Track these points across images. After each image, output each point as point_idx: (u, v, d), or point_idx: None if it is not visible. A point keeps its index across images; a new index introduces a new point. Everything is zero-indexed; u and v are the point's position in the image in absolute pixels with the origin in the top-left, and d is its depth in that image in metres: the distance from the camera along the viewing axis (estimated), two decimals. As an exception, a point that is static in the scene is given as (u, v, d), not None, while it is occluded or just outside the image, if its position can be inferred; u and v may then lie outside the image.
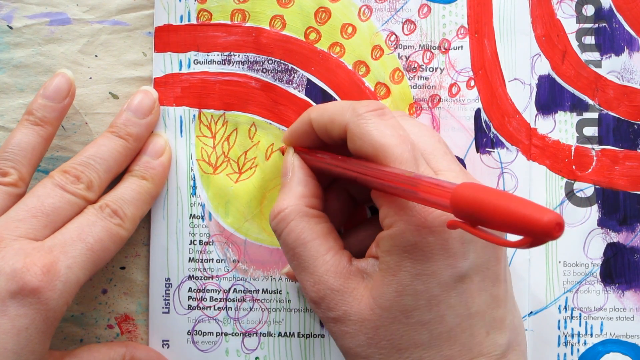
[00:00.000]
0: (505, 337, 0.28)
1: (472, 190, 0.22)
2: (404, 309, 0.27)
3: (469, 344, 0.27)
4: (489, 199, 0.21)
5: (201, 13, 0.35)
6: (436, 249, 0.27)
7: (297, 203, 0.30)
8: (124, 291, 0.35)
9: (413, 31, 0.35)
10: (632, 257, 0.35)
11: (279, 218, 0.30)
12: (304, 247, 0.29)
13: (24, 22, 0.35)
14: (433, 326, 0.27)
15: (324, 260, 0.29)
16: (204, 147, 0.35)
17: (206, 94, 0.35)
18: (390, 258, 0.27)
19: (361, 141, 0.28)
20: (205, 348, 0.35)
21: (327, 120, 0.30)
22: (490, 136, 0.35)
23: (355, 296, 0.28)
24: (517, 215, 0.20)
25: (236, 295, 0.35)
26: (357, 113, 0.29)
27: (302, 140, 0.32)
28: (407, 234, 0.27)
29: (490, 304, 0.28)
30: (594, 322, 0.35)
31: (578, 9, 0.36)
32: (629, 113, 0.36)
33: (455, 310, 0.27)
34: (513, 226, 0.20)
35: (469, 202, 0.22)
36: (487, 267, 0.28)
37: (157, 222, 0.35)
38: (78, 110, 0.35)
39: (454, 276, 0.27)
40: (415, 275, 0.27)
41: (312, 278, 0.29)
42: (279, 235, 0.30)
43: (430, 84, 0.36)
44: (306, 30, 0.35)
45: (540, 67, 0.36)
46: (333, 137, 0.30)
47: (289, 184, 0.31)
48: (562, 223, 0.19)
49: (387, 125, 0.28)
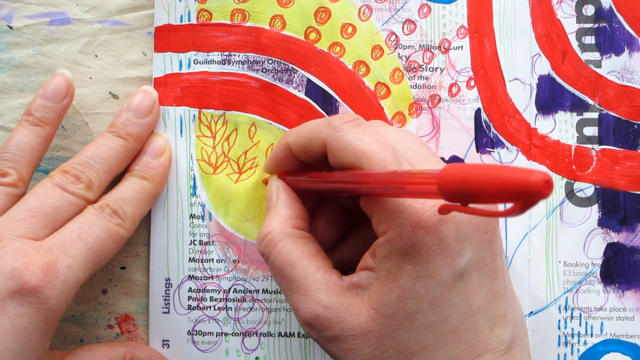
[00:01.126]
0: (508, 332, 0.28)
1: (456, 169, 0.22)
2: (407, 313, 0.27)
3: (474, 341, 0.27)
4: (474, 172, 0.21)
5: (201, 13, 0.35)
6: (433, 249, 0.26)
7: (284, 225, 0.30)
8: (124, 291, 0.35)
9: (413, 31, 0.35)
10: (632, 257, 0.35)
11: (266, 241, 0.30)
12: (293, 267, 0.29)
13: (24, 22, 0.35)
14: (437, 327, 0.27)
15: (314, 278, 0.28)
16: (204, 147, 0.35)
17: (206, 94, 0.35)
18: (390, 264, 0.27)
19: (342, 152, 0.28)
20: (205, 348, 0.35)
21: (304, 140, 0.30)
22: (490, 136, 0.35)
23: (351, 311, 0.27)
24: (505, 182, 0.20)
25: (236, 295, 0.35)
26: (334, 126, 0.29)
27: (283, 166, 0.32)
28: (403, 236, 0.26)
29: (491, 299, 0.27)
30: (594, 322, 0.35)
31: (578, 8, 0.36)
32: (629, 113, 0.36)
33: (458, 309, 0.27)
34: (502, 194, 0.20)
35: (455, 182, 0.21)
36: (484, 264, 0.27)
37: (157, 222, 0.35)
38: (78, 110, 0.35)
39: (453, 275, 0.27)
40: (416, 278, 0.26)
41: (304, 298, 0.28)
42: (267, 258, 0.30)
43: (430, 84, 0.35)
44: (306, 30, 0.35)
45: (540, 67, 0.36)
46: (313, 155, 0.30)
47: (274, 207, 0.31)
48: (550, 180, 0.19)
49: (365, 134, 0.28)
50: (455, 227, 0.26)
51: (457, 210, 0.22)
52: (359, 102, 0.35)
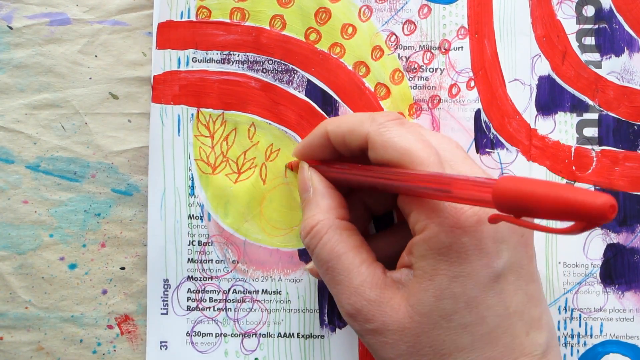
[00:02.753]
0: (543, 336, 0.27)
1: (514, 182, 0.22)
2: (443, 313, 0.26)
3: (511, 344, 0.26)
4: (534, 189, 0.21)
5: (200, 10, 0.34)
6: (471, 250, 0.26)
7: (328, 216, 0.30)
8: (123, 291, 0.35)
9: (413, 32, 0.35)
10: (632, 257, 0.35)
11: (313, 233, 0.29)
12: (338, 259, 0.29)
13: (24, 22, 0.35)
14: (474, 328, 0.26)
15: (358, 272, 0.28)
16: (202, 146, 0.34)
17: (205, 93, 0.35)
18: (426, 263, 0.27)
19: (384, 149, 0.28)
20: (204, 349, 0.34)
21: (345, 131, 0.30)
22: (490, 137, 0.35)
23: (392, 306, 0.27)
24: (568, 202, 0.20)
25: (235, 296, 0.35)
26: (378, 122, 0.29)
27: (316, 153, 0.32)
28: (441, 236, 0.26)
29: (527, 303, 0.27)
30: (593, 323, 0.35)
31: (578, 9, 0.35)
32: (629, 114, 0.35)
33: (495, 311, 0.26)
34: (564, 212, 0.20)
35: (514, 195, 0.21)
36: (520, 266, 0.27)
37: (155, 222, 0.34)
38: (78, 110, 0.35)
39: (490, 276, 0.26)
40: (452, 278, 0.26)
41: (348, 291, 0.28)
42: (312, 250, 0.30)
43: (430, 85, 0.35)
44: (306, 31, 0.35)
45: (540, 68, 0.35)
46: (351, 148, 0.30)
47: (313, 198, 0.31)
48: (615, 205, 0.19)
49: (409, 132, 0.28)
50: (494, 229, 0.26)
51: (510, 221, 0.22)
52: (359, 103, 0.35)
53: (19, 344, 0.34)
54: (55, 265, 0.34)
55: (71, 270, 0.34)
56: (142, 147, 0.35)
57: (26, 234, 0.34)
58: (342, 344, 0.34)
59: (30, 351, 0.34)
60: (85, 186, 0.35)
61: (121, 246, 0.35)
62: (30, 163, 0.34)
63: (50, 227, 0.34)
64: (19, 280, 0.34)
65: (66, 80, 0.35)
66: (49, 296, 0.34)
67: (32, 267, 0.34)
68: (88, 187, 0.35)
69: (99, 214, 0.35)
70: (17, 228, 0.34)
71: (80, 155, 0.35)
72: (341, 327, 0.35)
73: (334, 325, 0.35)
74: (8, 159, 0.34)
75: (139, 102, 0.35)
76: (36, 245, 0.34)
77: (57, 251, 0.34)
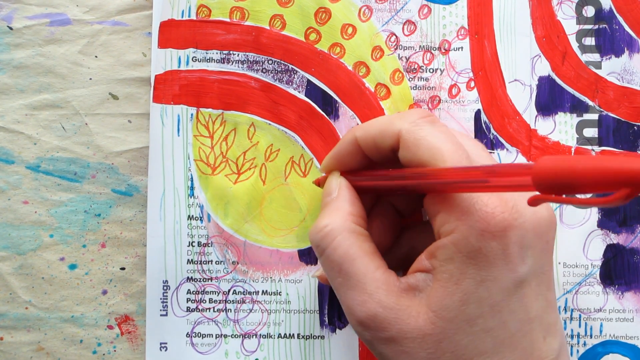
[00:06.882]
0: (557, 341, 0.27)
1: (554, 161, 0.21)
2: (468, 317, 0.25)
3: (530, 348, 0.26)
4: (574, 165, 0.20)
5: (200, 9, 0.34)
6: (498, 255, 0.25)
7: (345, 220, 0.28)
8: (123, 292, 0.34)
9: (413, 32, 0.34)
10: (631, 258, 0.34)
11: (324, 233, 0.28)
12: (352, 263, 0.27)
13: (24, 22, 0.34)
14: (496, 333, 0.25)
15: (374, 277, 0.27)
16: (202, 147, 0.34)
17: (205, 93, 0.34)
18: (453, 266, 0.25)
19: (416, 147, 0.27)
20: (204, 350, 0.34)
21: (375, 134, 0.28)
22: (490, 137, 0.34)
23: (410, 313, 0.26)
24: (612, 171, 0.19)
25: (236, 297, 0.34)
26: (410, 120, 0.27)
27: (346, 162, 0.30)
28: (470, 239, 0.25)
29: (546, 308, 0.27)
30: (593, 323, 0.34)
31: (578, 10, 0.35)
32: (629, 114, 0.35)
33: (517, 316, 0.26)
34: (609, 183, 0.19)
35: (554, 172, 0.21)
36: (542, 272, 0.27)
37: (154, 223, 0.34)
38: (78, 111, 0.34)
39: (514, 281, 0.25)
40: (480, 282, 0.25)
41: (361, 296, 0.26)
42: (322, 250, 0.28)
43: (430, 85, 0.34)
44: (306, 31, 0.34)
45: (540, 68, 0.35)
46: (382, 150, 0.29)
47: (334, 202, 0.29)
48: None
49: (440, 131, 0.27)
50: (521, 234, 0.25)
51: (552, 200, 0.21)
52: (359, 103, 0.34)
53: (19, 345, 0.34)
54: (55, 266, 0.34)
55: (71, 271, 0.34)
56: (142, 148, 0.34)
57: (26, 234, 0.34)
58: (342, 345, 0.34)
59: (31, 351, 0.34)
60: (85, 187, 0.34)
61: (121, 246, 0.34)
62: (31, 163, 0.34)
63: (51, 228, 0.34)
64: (19, 281, 0.34)
65: (66, 80, 0.34)
66: (49, 296, 0.34)
67: (32, 268, 0.34)
68: (88, 188, 0.34)
69: (99, 214, 0.34)
70: (17, 228, 0.34)
71: (80, 155, 0.34)
72: (341, 328, 0.34)
73: (334, 326, 0.34)
74: (8, 160, 0.34)
75: (139, 102, 0.34)
76: (36, 246, 0.34)
77: (57, 251, 0.34)
